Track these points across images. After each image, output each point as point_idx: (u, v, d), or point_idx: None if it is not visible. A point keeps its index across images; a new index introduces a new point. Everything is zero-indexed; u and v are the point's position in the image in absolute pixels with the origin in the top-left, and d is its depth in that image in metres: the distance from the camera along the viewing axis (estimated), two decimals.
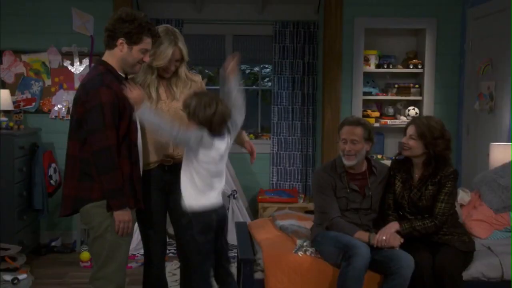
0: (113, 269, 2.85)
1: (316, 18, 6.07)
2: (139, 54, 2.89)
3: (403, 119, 5.84)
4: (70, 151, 2.88)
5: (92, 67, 2.97)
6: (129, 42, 2.86)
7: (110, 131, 2.75)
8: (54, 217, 5.64)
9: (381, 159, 5.91)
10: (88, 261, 4.97)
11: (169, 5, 6.02)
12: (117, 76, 2.89)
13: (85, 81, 2.86)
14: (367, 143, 3.51)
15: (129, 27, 2.83)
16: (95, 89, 2.76)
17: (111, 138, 2.75)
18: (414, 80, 5.98)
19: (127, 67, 2.93)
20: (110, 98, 2.76)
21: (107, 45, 2.93)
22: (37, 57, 5.57)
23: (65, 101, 5.61)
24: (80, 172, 2.83)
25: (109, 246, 2.82)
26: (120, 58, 2.90)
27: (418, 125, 3.42)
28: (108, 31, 2.89)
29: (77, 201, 2.84)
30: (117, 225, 2.80)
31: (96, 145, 2.75)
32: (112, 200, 2.78)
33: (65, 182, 2.91)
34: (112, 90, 2.78)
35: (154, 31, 2.92)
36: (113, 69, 2.90)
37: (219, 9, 6.08)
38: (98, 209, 2.81)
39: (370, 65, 5.85)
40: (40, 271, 4.79)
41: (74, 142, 2.86)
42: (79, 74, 5.60)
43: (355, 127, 3.48)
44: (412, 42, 6.04)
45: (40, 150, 5.19)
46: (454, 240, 3.35)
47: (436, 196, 3.37)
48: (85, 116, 2.78)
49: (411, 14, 5.77)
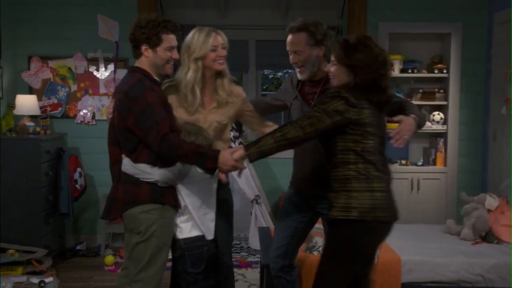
0: (153, 273, 2.89)
1: (339, 23, 6.05)
2: (166, 53, 2.93)
3: (427, 124, 5.78)
4: (114, 158, 2.94)
5: (127, 74, 2.98)
6: (151, 45, 2.91)
7: (163, 124, 2.78)
8: (79, 221, 5.71)
9: (406, 164, 5.87)
10: (113, 265, 5.01)
11: (194, 11, 6.06)
12: (153, 81, 2.94)
13: (126, 89, 2.87)
14: (316, 48, 3.02)
15: (145, 31, 2.88)
16: (141, 94, 2.81)
17: (164, 128, 2.77)
18: (439, 85, 5.92)
19: (158, 69, 2.97)
20: (156, 99, 2.82)
21: (135, 55, 2.98)
22: (64, 63, 5.66)
23: (90, 106, 5.68)
24: (126, 177, 2.88)
25: (152, 250, 2.87)
26: (150, 63, 2.94)
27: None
28: (131, 42, 2.96)
29: (125, 204, 2.89)
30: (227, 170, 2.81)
31: (154, 142, 2.78)
32: (204, 164, 2.79)
33: (113, 186, 2.97)
34: (156, 93, 2.84)
35: (171, 26, 2.94)
36: (148, 73, 2.94)
37: (242, 14, 6.11)
38: (145, 214, 2.86)
39: (394, 69, 5.81)
40: (66, 275, 4.84)
41: (116, 148, 2.92)
42: (104, 80, 5.67)
43: (295, 35, 3.00)
44: (437, 46, 5.98)
45: (66, 154, 5.26)
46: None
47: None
48: (136, 120, 2.81)
49: (436, 19, 5.73)
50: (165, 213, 2.90)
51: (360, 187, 2.63)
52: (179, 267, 3.01)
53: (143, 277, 2.90)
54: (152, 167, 2.85)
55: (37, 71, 5.63)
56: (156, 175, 2.85)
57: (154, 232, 2.86)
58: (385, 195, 2.68)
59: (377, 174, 2.66)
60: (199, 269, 2.98)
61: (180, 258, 2.99)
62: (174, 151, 2.78)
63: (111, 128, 2.96)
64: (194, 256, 2.97)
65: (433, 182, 5.78)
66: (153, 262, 2.89)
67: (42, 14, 5.60)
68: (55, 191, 5.15)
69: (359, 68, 2.62)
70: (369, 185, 2.63)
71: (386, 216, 2.68)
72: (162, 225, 2.89)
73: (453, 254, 4.07)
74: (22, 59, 5.61)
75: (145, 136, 2.81)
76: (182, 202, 2.96)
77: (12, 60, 5.53)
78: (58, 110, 5.66)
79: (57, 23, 5.62)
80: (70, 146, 5.61)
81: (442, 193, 5.78)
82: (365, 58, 2.62)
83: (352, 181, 2.64)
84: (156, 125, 2.77)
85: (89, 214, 5.75)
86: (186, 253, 2.97)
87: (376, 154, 2.68)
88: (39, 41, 5.61)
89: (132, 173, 2.87)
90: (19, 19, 5.58)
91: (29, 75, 5.62)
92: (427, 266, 3.95)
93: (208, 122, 3.10)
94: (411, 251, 4.11)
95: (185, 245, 2.97)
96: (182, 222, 2.98)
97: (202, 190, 2.98)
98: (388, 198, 2.70)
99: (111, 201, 2.97)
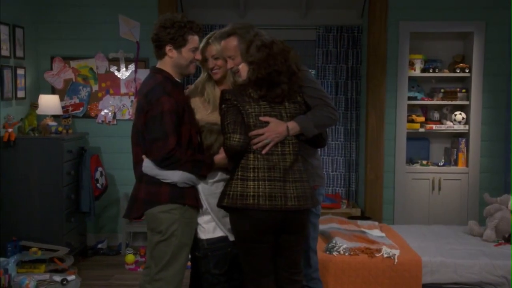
0: (174, 272, 2.92)
1: (359, 22, 6.02)
2: (190, 53, 2.94)
3: (449, 124, 5.73)
4: (136, 158, 2.97)
5: (149, 76, 3.01)
6: (176, 46, 2.91)
7: (171, 138, 2.81)
8: (101, 220, 5.76)
9: (426, 165, 5.82)
10: (133, 264, 5.05)
11: (213, 11, 6.08)
12: (174, 83, 2.95)
13: (146, 91, 2.90)
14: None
15: (171, 32, 2.89)
16: (157, 99, 2.82)
17: (172, 143, 2.81)
18: (461, 84, 5.86)
19: (182, 69, 2.98)
20: (172, 106, 2.82)
21: (158, 56, 2.99)
22: (85, 63, 5.71)
23: (111, 106, 5.72)
24: (148, 177, 2.91)
25: (173, 250, 2.90)
26: (173, 64, 2.95)
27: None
28: (154, 42, 2.95)
29: (146, 204, 2.92)
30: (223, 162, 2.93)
31: (158, 153, 2.82)
32: (201, 172, 2.91)
33: (136, 186, 3.00)
34: (173, 98, 2.84)
35: (196, 27, 2.96)
36: (170, 76, 2.95)
37: (262, 14, 6.10)
38: (165, 214, 2.88)
39: (415, 69, 5.77)
40: (87, 273, 4.89)
41: (138, 148, 2.95)
42: (125, 80, 5.71)
43: (226, 40, 3.04)
44: (459, 46, 5.92)
45: (87, 154, 5.30)
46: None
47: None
48: (146, 124, 2.85)
49: (458, 18, 5.66)
50: (185, 212, 2.91)
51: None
52: (201, 267, 3.01)
53: (163, 276, 2.92)
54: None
55: (59, 71, 5.70)
56: (175, 177, 2.86)
57: (175, 231, 2.88)
58: (258, 184, 2.79)
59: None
60: (222, 270, 2.98)
61: (203, 258, 2.99)
62: (175, 166, 2.84)
63: (134, 128, 2.98)
64: (217, 257, 2.97)
65: (454, 183, 5.72)
66: (173, 261, 2.91)
67: (64, 15, 5.66)
68: (77, 190, 5.20)
69: (256, 64, 2.82)
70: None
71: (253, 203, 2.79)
72: (182, 224, 2.90)
73: (475, 255, 4.03)
74: (45, 60, 5.68)
75: (150, 143, 2.84)
76: (203, 203, 2.97)
77: (35, 61, 5.60)
78: (79, 110, 5.72)
79: (79, 24, 5.67)
80: (92, 146, 5.66)
81: (464, 193, 5.72)
82: (262, 55, 2.81)
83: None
84: (164, 136, 2.79)
85: (110, 213, 5.79)
86: (209, 253, 2.97)
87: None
88: (62, 41, 5.67)
89: (152, 175, 2.89)
90: (42, 20, 5.64)
91: (51, 75, 5.68)
92: (448, 268, 3.91)
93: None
94: (432, 252, 4.07)
95: (208, 245, 2.97)
96: (205, 222, 2.98)
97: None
98: (261, 187, 2.80)
99: (133, 200, 3.00)
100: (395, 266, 3.89)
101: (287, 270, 2.93)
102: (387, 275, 3.88)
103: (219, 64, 3.10)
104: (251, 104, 2.85)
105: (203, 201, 2.96)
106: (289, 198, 2.79)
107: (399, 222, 5.67)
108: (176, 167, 2.84)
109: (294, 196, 2.80)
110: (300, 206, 2.82)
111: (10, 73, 5.02)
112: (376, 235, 4.38)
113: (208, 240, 2.97)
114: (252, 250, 2.84)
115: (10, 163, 4.84)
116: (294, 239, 2.89)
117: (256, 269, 2.86)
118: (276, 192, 2.77)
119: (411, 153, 5.90)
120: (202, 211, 2.97)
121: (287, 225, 2.83)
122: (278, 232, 2.84)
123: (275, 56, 2.82)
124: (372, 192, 5.75)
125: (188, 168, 2.86)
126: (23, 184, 4.85)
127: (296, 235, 2.90)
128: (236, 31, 2.98)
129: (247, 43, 2.86)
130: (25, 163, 4.85)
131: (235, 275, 3.03)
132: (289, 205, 2.78)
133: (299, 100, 2.96)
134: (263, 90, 2.84)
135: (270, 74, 2.81)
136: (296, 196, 2.81)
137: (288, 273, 2.93)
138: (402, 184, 5.73)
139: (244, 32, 2.96)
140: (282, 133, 2.84)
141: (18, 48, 5.18)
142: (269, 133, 2.82)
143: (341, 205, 5.84)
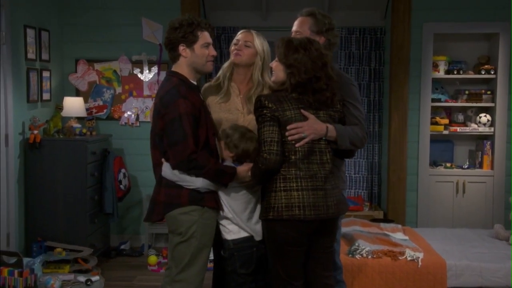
0: (194, 272, 2.93)
1: (382, 24, 5.98)
2: (203, 50, 2.95)
3: (473, 127, 5.66)
4: (155, 161, 2.99)
5: (165, 79, 3.02)
6: (188, 44, 2.93)
7: (190, 140, 2.81)
8: (124, 221, 5.80)
9: (450, 167, 5.76)
10: (156, 265, 5.08)
11: (235, 13, 6.09)
12: (190, 86, 2.95)
13: (161, 95, 2.92)
14: (317, 36, 3.12)
15: (181, 30, 2.91)
16: (173, 102, 2.83)
17: (191, 146, 2.81)
18: (486, 86, 5.79)
19: (199, 67, 2.99)
20: (189, 109, 2.82)
21: (172, 59, 3.01)
22: (109, 66, 5.77)
23: (135, 108, 5.77)
24: (167, 180, 2.92)
25: (192, 251, 2.91)
26: (189, 64, 2.96)
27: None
28: (167, 46, 2.99)
29: (166, 206, 2.94)
30: (245, 175, 2.92)
31: (177, 157, 2.83)
32: (222, 182, 2.91)
33: (155, 189, 3.02)
34: (189, 101, 2.85)
35: (203, 24, 2.97)
36: (185, 79, 2.96)
37: (284, 16, 6.08)
38: (185, 215, 2.89)
39: (439, 71, 5.71)
40: (110, 273, 4.92)
41: (157, 151, 2.96)
42: (148, 82, 5.75)
43: (302, 18, 3.17)
44: (484, 47, 5.84)
45: (110, 155, 5.35)
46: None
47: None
48: (164, 128, 2.86)
49: (483, 18, 5.60)
50: (204, 214, 2.92)
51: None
52: (228, 267, 3.02)
53: (184, 277, 2.92)
54: (191, 175, 2.86)
55: (83, 73, 5.76)
56: (198, 183, 2.87)
57: (194, 233, 2.89)
58: (302, 194, 2.77)
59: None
60: (248, 270, 2.98)
61: (229, 258, 3.00)
62: (197, 171, 2.84)
63: (152, 131, 3.00)
64: (244, 257, 2.98)
65: (479, 186, 5.65)
66: (193, 262, 2.92)
67: (89, 18, 5.73)
68: (100, 192, 5.25)
69: (296, 68, 2.77)
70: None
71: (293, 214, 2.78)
72: (202, 226, 2.91)
73: (501, 259, 3.98)
74: (69, 62, 5.75)
75: (170, 147, 2.84)
76: (224, 208, 2.97)
77: (60, 63, 5.68)
78: (103, 112, 5.78)
79: (103, 26, 5.73)
80: (115, 147, 5.71)
81: (489, 197, 5.64)
82: (303, 59, 2.77)
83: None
84: (183, 139, 2.80)
85: (133, 214, 5.84)
86: (235, 253, 2.98)
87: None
88: (86, 44, 5.74)
89: (173, 180, 2.90)
90: (67, 23, 5.72)
91: (76, 78, 5.75)
92: (474, 271, 3.87)
93: (246, 121, 3.13)
94: (457, 256, 4.03)
95: (234, 245, 2.98)
96: (230, 223, 2.99)
97: (246, 194, 2.99)
98: (305, 196, 2.78)
99: (153, 204, 3.01)
100: (419, 269, 3.86)
101: (320, 274, 2.94)
102: (411, 278, 3.85)
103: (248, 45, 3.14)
104: (291, 111, 2.81)
105: (225, 205, 2.97)
106: (330, 206, 2.81)
107: (422, 225, 5.62)
108: (198, 173, 2.84)
109: (334, 203, 2.83)
110: (339, 212, 2.87)
111: (36, 75, 5.10)
112: (399, 238, 4.35)
113: (234, 241, 2.98)
114: (288, 254, 2.83)
115: (36, 164, 4.91)
116: (328, 240, 2.92)
117: (289, 272, 2.86)
118: (320, 201, 2.78)
119: (435, 155, 5.84)
120: (224, 213, 2.98)
121: (323, 229, 2.86)
122: (312, 234, 2.85)
123: (315, 60, 2.80)
124: (395, 195, 5.70)
125: (210, 176, 2.86)
126: (48, 185, 4.91)
127: (330, 237, 2.93)
128: (315, 12, 3.08)
129: (285, 45, 2.84)
130: (50, 165, 4.91)
131: (259, 275, 3.03)
132: (330, 212, 2.81)
133: (339, 108, 2.95)
134: (309, 96, 2.82)
135: (310, 79, 2.79)
136: (335, 203, 2.84)
137: (321, 276, 2.94)
138: (425, 187, 5.68)
139: (321, 17, 3.06)
140: (319, 132, 2.82)
141: (43, 51, 5.25)
142: (307, 127, 2.79)
143: (364, 208, 5.81)
